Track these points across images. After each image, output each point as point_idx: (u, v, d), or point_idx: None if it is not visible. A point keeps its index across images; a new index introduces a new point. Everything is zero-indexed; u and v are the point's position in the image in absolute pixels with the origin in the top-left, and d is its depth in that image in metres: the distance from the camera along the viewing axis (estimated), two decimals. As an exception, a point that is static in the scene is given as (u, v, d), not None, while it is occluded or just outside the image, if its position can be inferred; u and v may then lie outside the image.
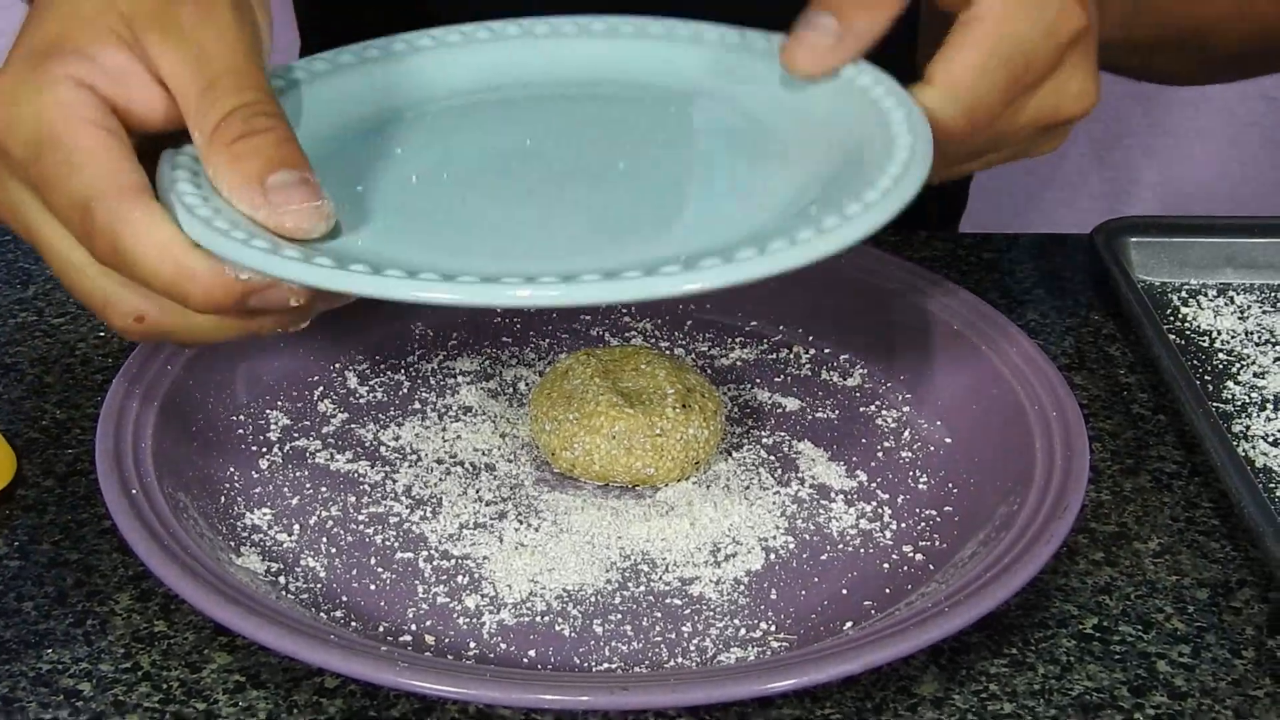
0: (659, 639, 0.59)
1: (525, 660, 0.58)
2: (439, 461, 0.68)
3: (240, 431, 0.68)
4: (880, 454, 0.69)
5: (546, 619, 0.60)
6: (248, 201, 0.54)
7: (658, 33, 0.68)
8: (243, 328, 0.56)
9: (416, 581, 0.61)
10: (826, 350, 0.75)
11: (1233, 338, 0.77)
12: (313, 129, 0.61)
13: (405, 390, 0.72)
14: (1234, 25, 0.81)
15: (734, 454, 0.68)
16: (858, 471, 0.68)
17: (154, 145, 0.57)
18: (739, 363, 0.75)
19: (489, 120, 0.66)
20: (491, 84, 0.67)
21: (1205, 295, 0.81)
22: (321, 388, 0.72)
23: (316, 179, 0.55)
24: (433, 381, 0.72)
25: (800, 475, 0.67)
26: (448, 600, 0.60)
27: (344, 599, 0.60)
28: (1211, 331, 0.78)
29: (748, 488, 0.67)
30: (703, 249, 0.54)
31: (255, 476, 0.66)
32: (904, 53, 0.65)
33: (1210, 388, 0.73)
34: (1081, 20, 0.61)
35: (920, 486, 0.67)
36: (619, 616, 0.60)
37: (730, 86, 0.66)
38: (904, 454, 0.69)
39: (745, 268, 0.53)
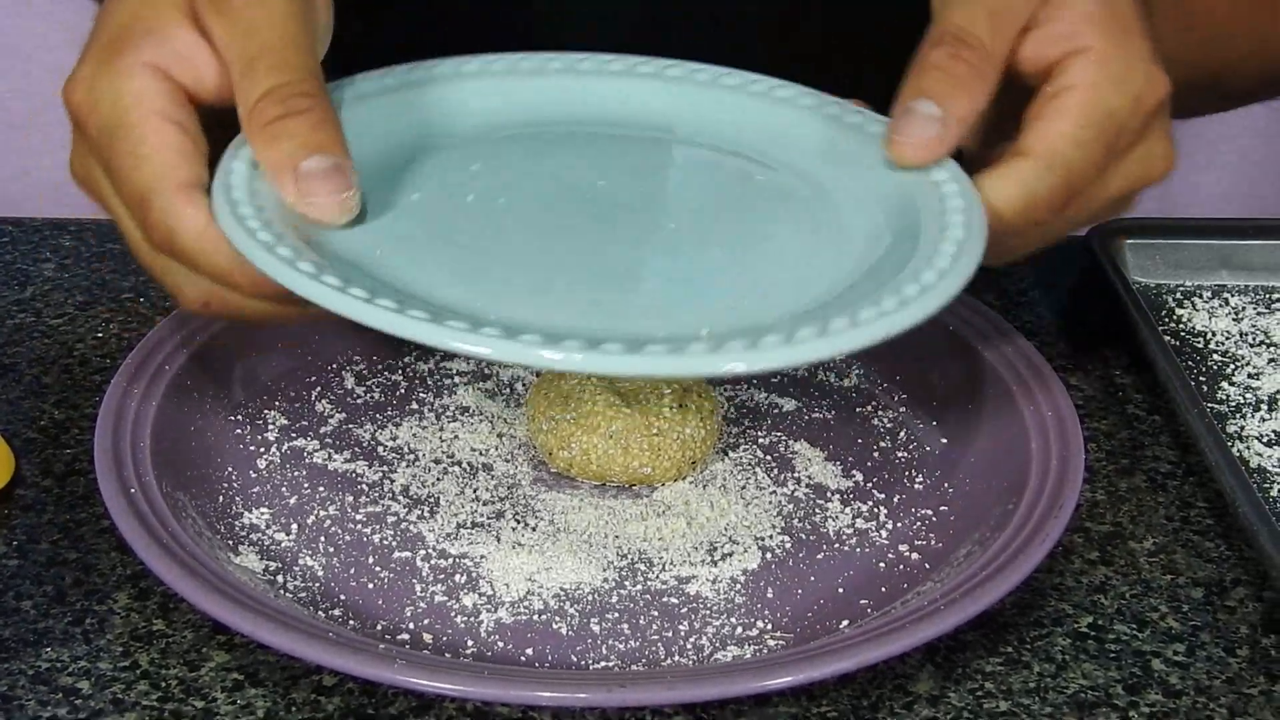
0: (656, 637, 0.59)
1: (523, 658, 0.58)
2: (436, 461, 0.68)
3: (238, 431, 0.69)
4: (876, 454, 0.69)
5: (544, 617, 0.60)
6: (280, 186, 0.57)
7: (733, 84, 0.68)
8: (301, 311, 0.58)
9: (414, 580, 0.61)
10: (823, 351, 0.75)
11: (1227, 339, 0.78)
12: (374, 144, 0.62)
13: (403, 390, 0.72)
14: (1252, 64, 0.82)
15: (731, 454, 0.69)
16: (854, 471, 0.68)
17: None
18: (735, 363, 0.75)
19: (555, 154, 0.66)
20: (556, 117, 0.68)
21: (1200, 297, 0.81)
22: (319, 388, 0.72)
23: (350, 161, 0.58)
24: (430, 382, 0.73)
25: (796, 475, 0.68)
26: (445, 599, 0.61)
27: (342, 598, 0.61)
28: (1206, 333, 0.78)
29: (744, 487, 0.67)
30: (756, 324, 0.54)
31: (253, 476, 0.67)
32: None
33: (1205, 388, 0.74)
34: (1166, 87, 0.61)
35: (916, 486, 0.67)
36: (616, 615, 0.60)
37: (780, 148, 0.66)
38: (900, 454, 0.69)
39: (804, 349, 0.53)
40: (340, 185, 0.57)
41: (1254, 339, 0.78)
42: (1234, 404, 0.73)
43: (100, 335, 0.76)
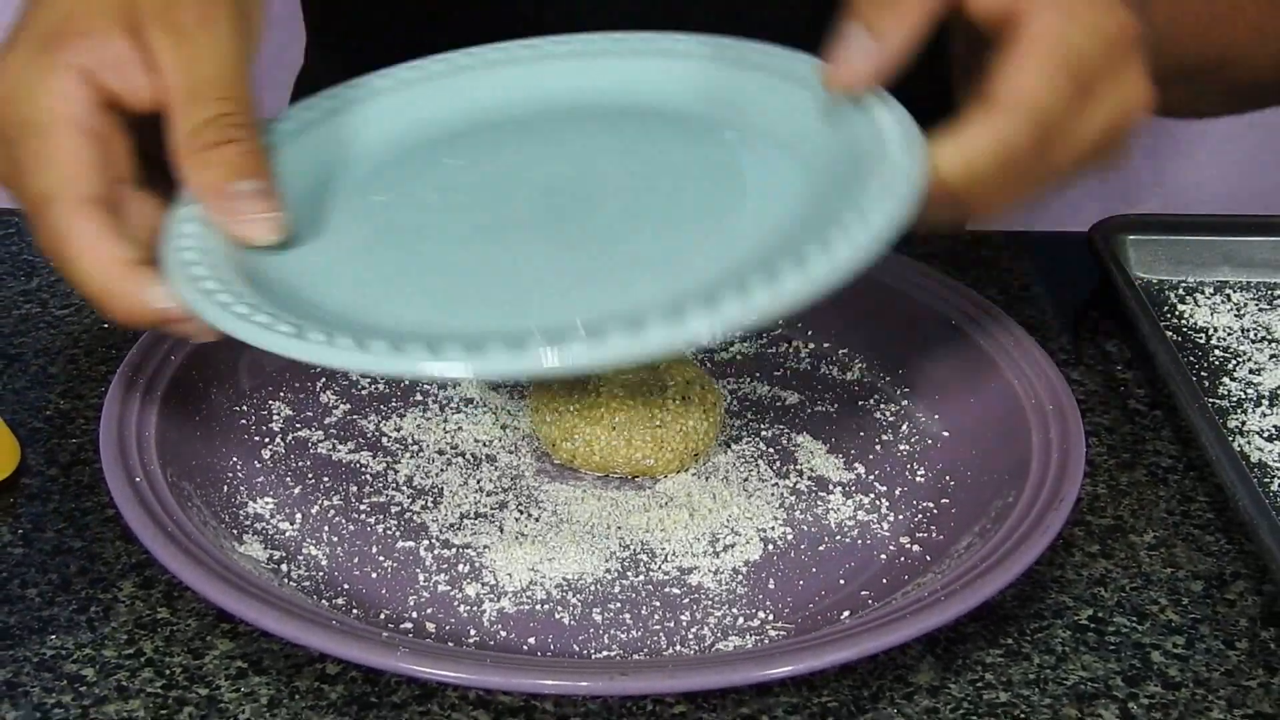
0: (658, 627, 0.59)
1: (525, 647, 0.58)
2: (440, 452, 0.68)
3: (243, 421, 0.69)
4: (878, 447, 0.69)
5: (546, 607, 0.60)
6: (208, 206, 0.59)
7: (647, 49, 0.68)
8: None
9: (417, 570, 0.62)
10: (826, 345, 0.76)
11: (1229, 334, 0.78)
12: (296, 180, 0.63)
13: (407, 382, 0.72)
14: (1254, 53, 0.81)
15: (733, 446, 0.69)
16: (856, 464, 0.68)
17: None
18: (738, 356, 0.75)
19: (478, 149, 0.67)
20: (479, 112, 0.68)
21: (1202, 293, 0.81)
22: (324, 379, 0.72)
23: (279, 191, 0.59)
24: (434, 373, 0.73)
25: (799, 467, 0.68)
26: (448, 588, 0.61)
27: (345, 586, 0.61)
28: (1208, 328, 0.78)
29: (746, 479, 0.67)
30: (676, 296, 0.54)
31: (258, 466, 0.67)
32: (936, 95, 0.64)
33: (1206, 384, 0.74)
34: (1130, 19, 0.60)
35: (918, 479, 0.67)
36: (618, 605, 0.60)
37: (721, 108, 0.66)
38: (902, 447, 0.69)
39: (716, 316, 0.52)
40: (268, 206, 0.59)
41: (1255, 335, 0.78)
42: (1235, 399, 0.73)
43: (105, 326, 0.77)
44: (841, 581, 0.62)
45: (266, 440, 0.68)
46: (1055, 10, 0.59)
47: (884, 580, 0.62)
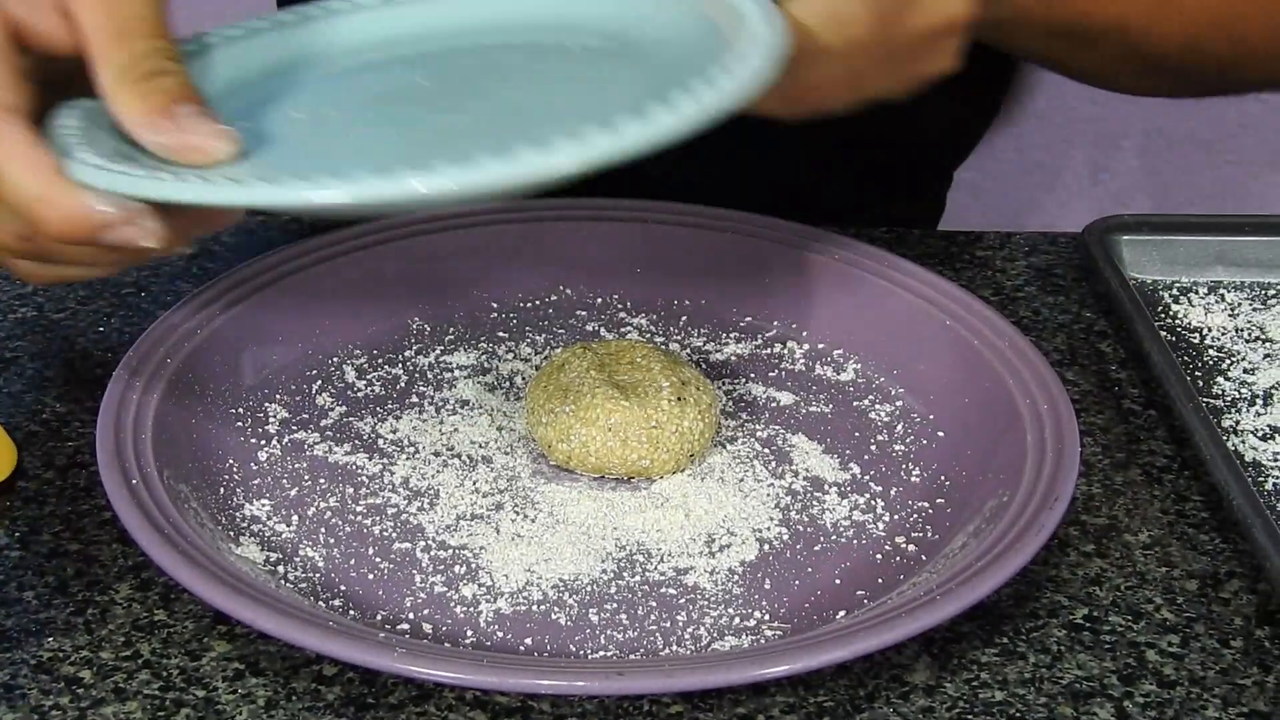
0: (654, 627, 0.60)
1: (522, 648, 0.59)
2: (436, 454, 0.68)
3: (239, 424, 0.69)
4: (873, 447, 0.69)
5: (543, 608, 0.60)
6: (153, 129, 0.57)
7: None
8: (113, 255, 0.59)
9: (414, 571, 0.62)
10: (820, 345, 0.76)
11: (1223, 334, 0.78)
12: (219, 86, 0.64)
13: (403, 384, 0.72)
14: (1156, 26, 0.80)
15: (729, 447, 0.69)
16: (851, 464, 0.68)
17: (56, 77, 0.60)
18: (733, 357, 0.75)
19: (383, 68, 0.68)
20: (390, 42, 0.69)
21: (1196, 293, 0.81)
22: (320, 381, 0.72)
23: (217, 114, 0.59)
24: (430, 375, 0.73)
25: (794, 468, 0.68)
26: (445, 590, 0.61)
27: (342, 588, 0.61)
28: (1202, 328, 0.78)
29: (742, 480, 0.67)
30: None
31: (254, 468, 0.67)
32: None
33: (1200, 383, 0.74)
34: None
35: (913, 479, 0.68)
36: (614, 605, 0.61)
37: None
38: (897, 447, 0.69)
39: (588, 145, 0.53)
40: (216, 124, 0.58)
41: (1249, 334, 0.78)
42: (1229, 399, 0.73)
43: (102, 329, 0.77)
44: (837, 581, 0.62)
45: (263, 442, 0.68)
46: None
47: (879, 580, 0.62)
